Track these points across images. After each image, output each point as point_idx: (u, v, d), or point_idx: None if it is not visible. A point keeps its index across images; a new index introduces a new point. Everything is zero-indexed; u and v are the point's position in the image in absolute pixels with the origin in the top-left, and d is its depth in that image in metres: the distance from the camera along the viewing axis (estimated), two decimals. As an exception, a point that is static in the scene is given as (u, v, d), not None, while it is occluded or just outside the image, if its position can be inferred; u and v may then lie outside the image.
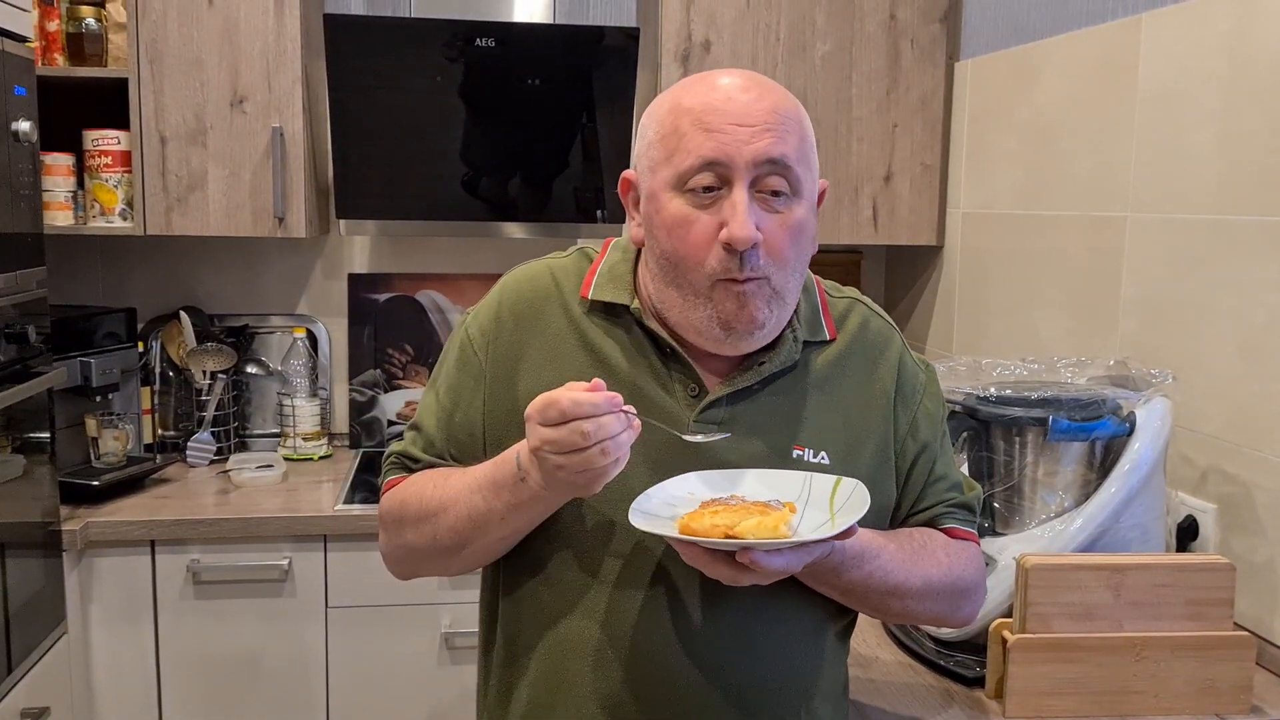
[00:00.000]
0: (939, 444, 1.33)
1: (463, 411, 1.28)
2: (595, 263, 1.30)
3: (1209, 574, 1.48)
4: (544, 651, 1.24)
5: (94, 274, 2.90)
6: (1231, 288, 1.75)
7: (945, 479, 1.32)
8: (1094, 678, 1.46)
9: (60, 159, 2.57)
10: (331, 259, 3.00)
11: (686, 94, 1.19)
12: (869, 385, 1.29)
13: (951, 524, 1.31)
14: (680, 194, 1.17)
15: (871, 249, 3.14)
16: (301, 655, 2.47)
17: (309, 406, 2.86)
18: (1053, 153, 2.26)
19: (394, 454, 1.33)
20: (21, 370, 2.14)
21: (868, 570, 1.20)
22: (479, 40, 2.61)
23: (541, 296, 1.29)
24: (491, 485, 1.17)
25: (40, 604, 2.20)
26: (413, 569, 1.32)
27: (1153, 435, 1.61)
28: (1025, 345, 2.34)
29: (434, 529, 1.23)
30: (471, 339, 1.30)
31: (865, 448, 1.27)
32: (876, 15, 2.69)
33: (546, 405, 1.07)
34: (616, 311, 1.26)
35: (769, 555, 1.07)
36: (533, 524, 1.20)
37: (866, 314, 1.34)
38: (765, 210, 1.16)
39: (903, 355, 1.33)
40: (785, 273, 1.18)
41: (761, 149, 1.14)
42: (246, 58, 2.57)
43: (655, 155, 1.19)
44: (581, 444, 1.05)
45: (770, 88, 1.19)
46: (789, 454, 1.23)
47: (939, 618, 1.33)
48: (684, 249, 1.17)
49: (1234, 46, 1.75)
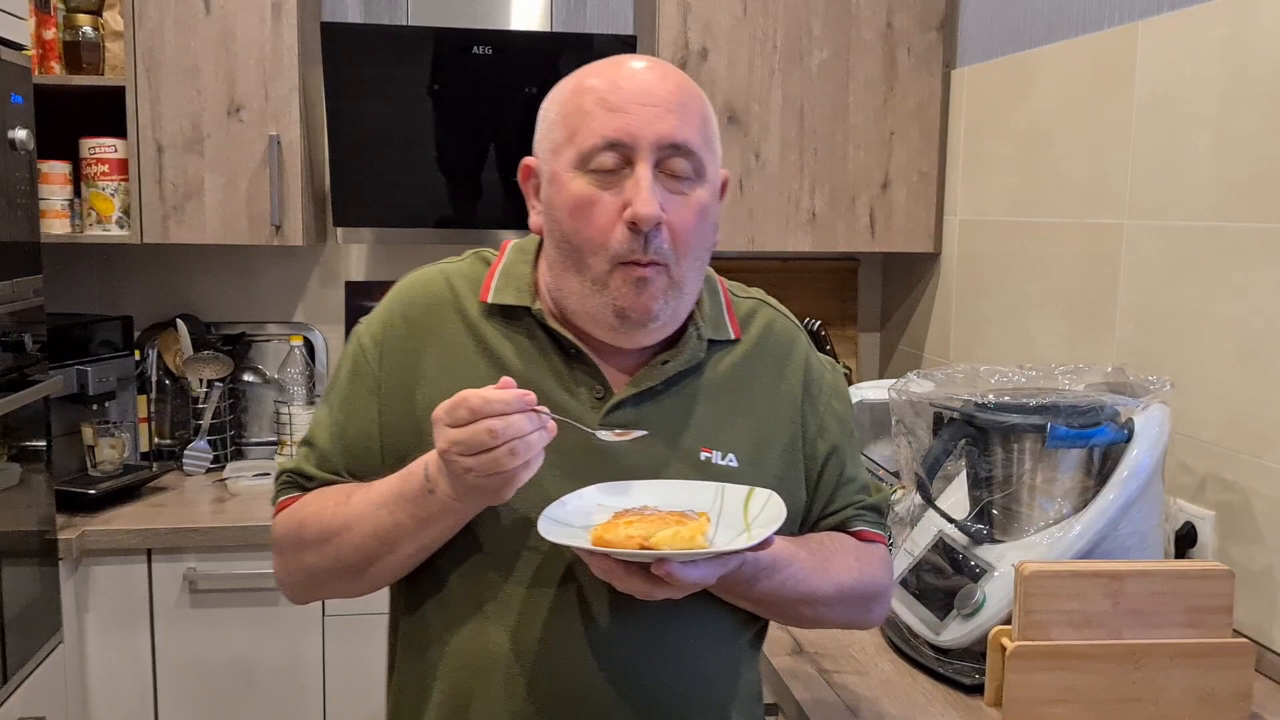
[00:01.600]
0: (848, 445, 1.31)
1: (357, 424, 1.22)
2: (493, 265, 1.26)
3: (1208, 581, 1.48)
4: (450, 671, 1.19)
5: (90, 282, 2.89)
6: (1229, 294, 1.75)
7: (855, 481, 1.31)
8: (1093, 685, 1.46)
9: (57, 167, 2.57)
10: (328, 267, 3.00)
11: (590, 74, 1.17)
12: (776, 387, 1.28)
13: (862, 526, 1.30)
14: (582, 174, 1.14)
15: (868, 256, 3.14)
16: (298, 664, 2.47)
17: (305, 415, 2.85)
18: (1050, 160, 2.26)
19: (285, 472, 1.26)
20: (18, 378, 2.14)
21: (780, 580, 1.18)
22: (476, 48, 2.61)
23: (436, 302, 1.24)
24: (398, 499, 1.13)
25: (36, 613, 2.20)
26: (313, 592, 1.26)
27: (1151, 442, 1.61)
28: (1022, 352, 2.34)
29: (337, 549, 1.16)
30: (364, 349, 1.24)
31: (773, 450, 1.25)
32: (873, 23, 2.69)
33: (455, 405, 1.03)
34: (517, 314, 1.22)
35: (685, 567, 1.04)
36: (442, 538, 1.15)
37: (772, 315, 1.33)
38: (669, 191, 1.14)
39: (809, 356, 1.32)
40: (686, 262, 1.16)
41: (666, 131, 1.12)
42: (243, 66, 2.57)
43: (557, 137, 1.17)
44: (490, 443, 1.01)
45: (675, 70, 1.19)
46: (697, 456, 1.21)
47: (850, 622, 1.32)
48: (586, 229, 1.14)
49: (1230, 53, 1.75)
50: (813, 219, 2.73)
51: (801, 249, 2.75)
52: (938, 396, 1.74)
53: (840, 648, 1.74)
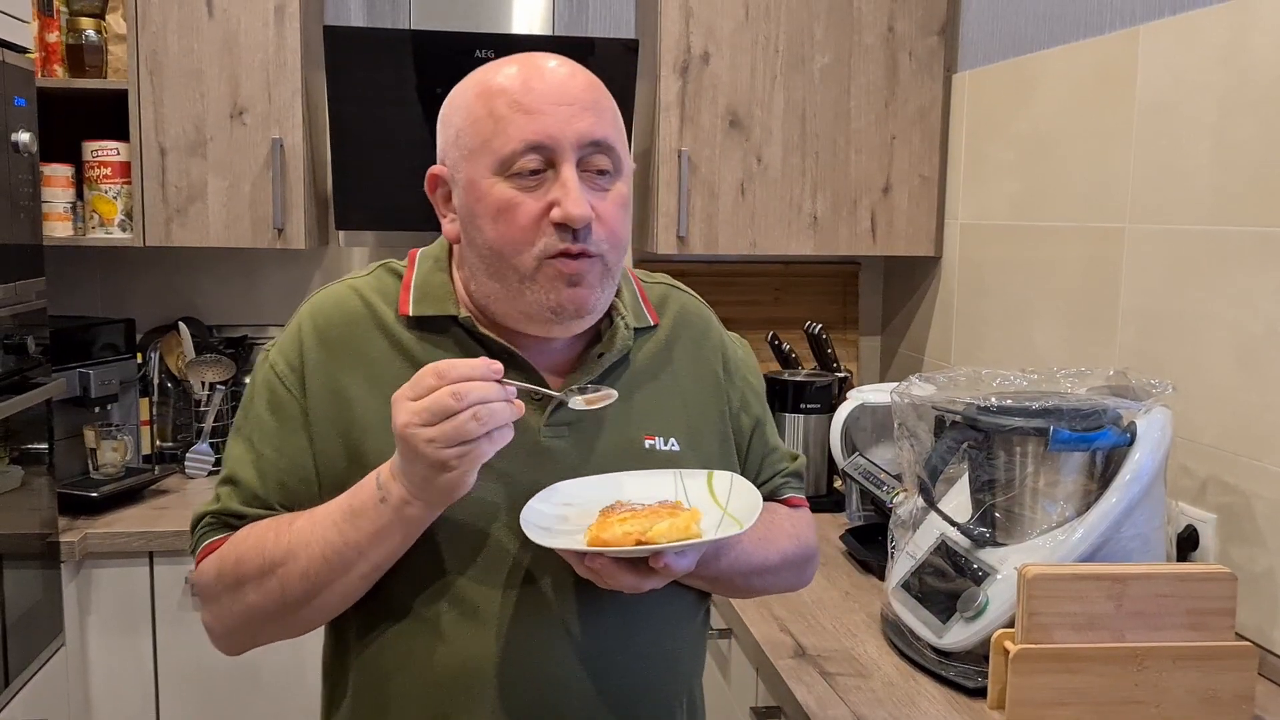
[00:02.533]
0: (765, 417, 1.36)
1: (287, 457, 1.16)
2: (406, 277, 1.23)
3: (1210, 584, 1.49)
4: (417, 694, 1.15)
5: (93, 285, 2.90)
6: (1230, 298, 1.75)
7: (777, 450, 1.36)
8: (1096, 688, 1.46)
9: (60, 170, 2.57)
10: (330, 270, 3.00)
11: (494, 75, 1.14)
12: (697, 367, 1.30)
13: (790, 493, 1.36)
14: (503, 179, 1.11)
15: (870, 260, 3.15)
16: (299, 667, 2.46)
17: (307, 417, 2.85)
18: (1051, 164, 2.26)
19: (207, 515, 1.19)
20: (20, 381, 2.14)
21: (734, 555, 1.21)
22: (478, 52, 2.61)
23: (352, 320, 1.20)
24: (347, 515, 1.08)
25: (38, 615, 2.20)
26: (253, 637, 1.18)
27: (1153, 445, 1.61)
28: (1024, 356, 2.35)
29: (281, 580, 1.10)
30: (280, 376, 1.19)
31: (707, 429, 1.27)
32: (875, 28, 2.70)
33: (418, 377, 1.01)
34: (441, 325, 1.19)
35: (677, 557, 1.07)
36: (394, 555, 1.10)
37: (683, 298, 1.34)
38: (592, 189, 1.13)
39: (722, 334, 1.35)
40: (618, 252, 1.16)
41: (585, 129, 1.11)
42: (246, 69, 2.58)
43: (468, 142, 1.14)
44: (454, 407, 0.98)
45: (579, 66, 1.17)
46: (641, 445, 1.21)
47: (790, 585, 1.36)
48: (511, 232, 1.11)
49: (1231, 58, 1.75)
50: (814, 223, 2.74)
51: (803, 253, 2.75)
52: (940, 400, 1.74)
53: (843, 650, 1.74)
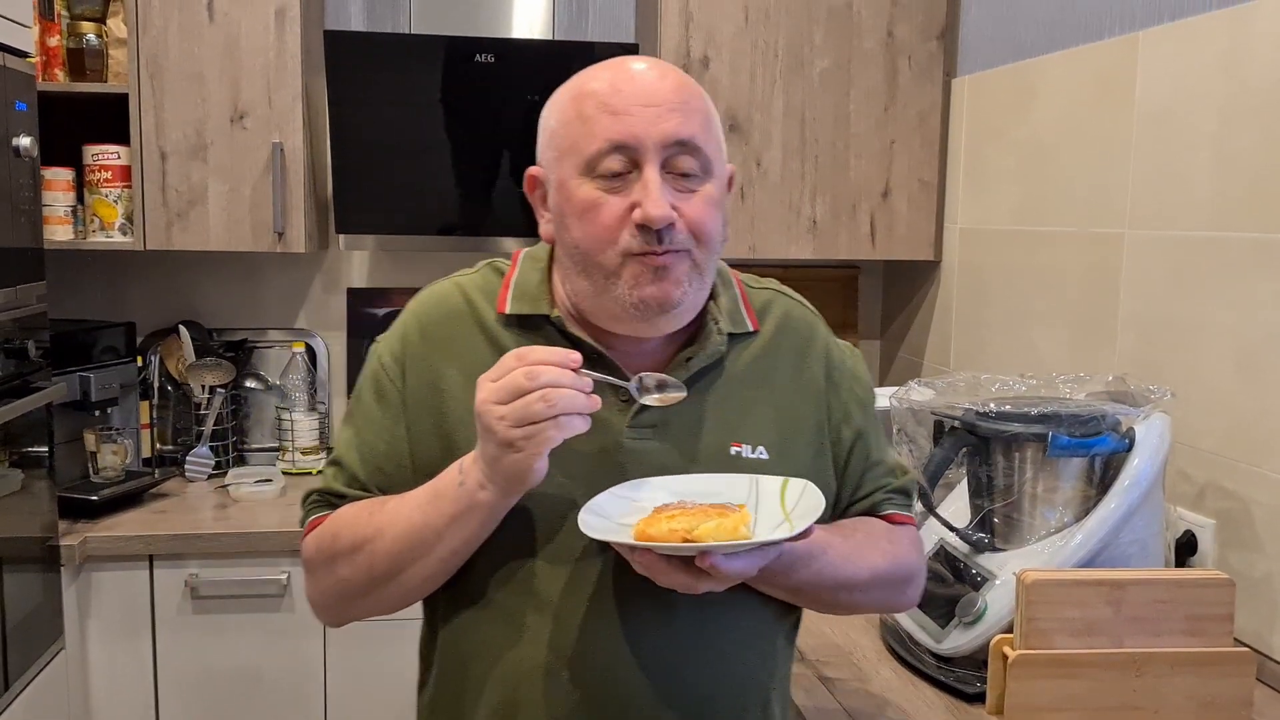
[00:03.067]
0: (872, 429, 1.31)
1: (385, 443, 1.22)
2: (507, 276, 1.26)
3: (1209, 589, 1.48)
4: (493, 682, 1.19)
5: (93, 289, 2.90)
6: (1229, 304, 1.76)
7: (881, 464, 1.32)
8: (1094, 693, 1.46)
9: (60, 174, 2.58)
10: (331, 273, 3.00)
11: (587, 79, 1.16)
12: (799, 375, 1.27)
13: (891, 509, 1.31)
14: (589, 179, 1.13)
15: (869, 264, 3.15)
16: (300, 671, 2.47)
17: (308, 421, 2.86)
18: (1050, 169, 2.27)
19: (314, 493, 1.26)
20: (21, 385, 2.14)
21: (816, 568, 1.18)
22: (478, 56, 2.62)
23: (454, 316, 1.24)
24: (432, 497, 1.14)
25: (38, 619, 2.20)
26: (346, 610, 1.25)
27: (1152, 451, 1.62)
28: (1023, 361, 2.35)
29: (370, 557, 1.16)
30: (385, 368, 1.24)
31: (800, 439, 1.25)
32: (874, 33, 2.70)
33: (503, 359, 1.06)
34: (535, 324, 1.22)
35: (728, 559, 1.04)
36: (473, 540, 1.15)
37: (789, 304, 1.32)
38: (677, 189, 1.14)
39: (829, 342, 1.32)
40: (707, 250, 1.16)
41: (670, 129, 1.12)
42: (247, 73, 2.58)
43: (560, 144, 1.16)
44: (526, 386, 1.02)
45: (674, 69, 1.18)
46: (727, 451, 1.21)
47: (885, 605, 1.34)
48: (595, 231, 1.13)
49: (1231, 64, 1.76)
50: (814, 227, 2.74)
51: (802, 256, 2.76)
52: (939, 405, 1.75)
53: (842, 655, 1.75)
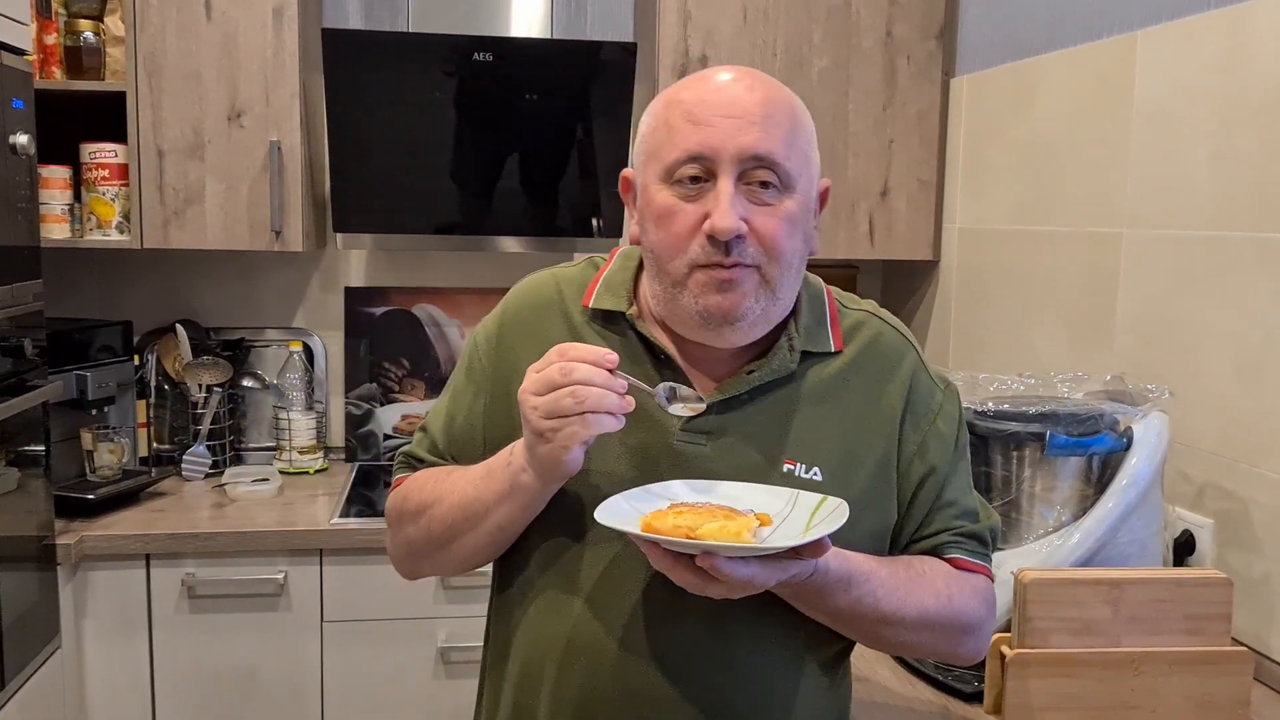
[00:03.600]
0: (951, 467, 1.25)
1: (464, 416, 1.30)
2: (600, 271, 1.31)
3: (1207, 589, 1.48)
4: (525, 650, 1.24)
5: (90, 287, 2.90)
6: (1227, 304, 1.75)
7: (955, 505, 1.25)
8: (1092, 693, 1.46)
9: (57, 172, 2.57)
10: (328, 272, 3.00)
11: (681, 88, 1.19)
12: (874, 401, 1.23)
13: (957, 554, 1.24)
14: (667, 186, 1.16)
15: (868, 264, 3.15)
16: (297, 670, 2.46)
17: (305, 420, 2.86)
18: (1049, 169, 2.27)
19: (402, 453, 1.36)
20: (17, 383, 2.14)
21: (855, 595, 1.15)
22: (477, 55, 2.61)
23: (544, 305, 1.30)
24: (485, 474, 1.19)
25: (34, 618, 2.19)
26: (414, 567, 1.33)
27: (1150, 450, 1.62)
28: (1022, 360, 2.35)
29: (429, 521, 1.24)
30: (478, 345, 1.32)
31: (863, 466, 1.21)
32: (873, 32, 2.70)
33: (549, 352, 1.10)
34: (615, 319, 1.26)
35: (733, 564, 1.02)
36: (519, 521, 1.20)
37: (880, 327, 1.29)
38: (753, 202, 1.14)
39: (916, 372, 1.26)
40: (779, 266, 1.15)
41: (747, 143, 1.12)
42: (245, 72, 2.58)
43: (647, 149, 1.20)
44: (559, 381, 1.07)
45: (765, 81, 1.18)
46: (779, 467, 1.19)
47: (938, 652, 1.27)
48: (668, 238, 1.15)
49: (1229, 64, 1.76)
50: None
51: (801, 256, 2.75)
52: (937, 404, 1.74)
53: (839, 655, 1.74)
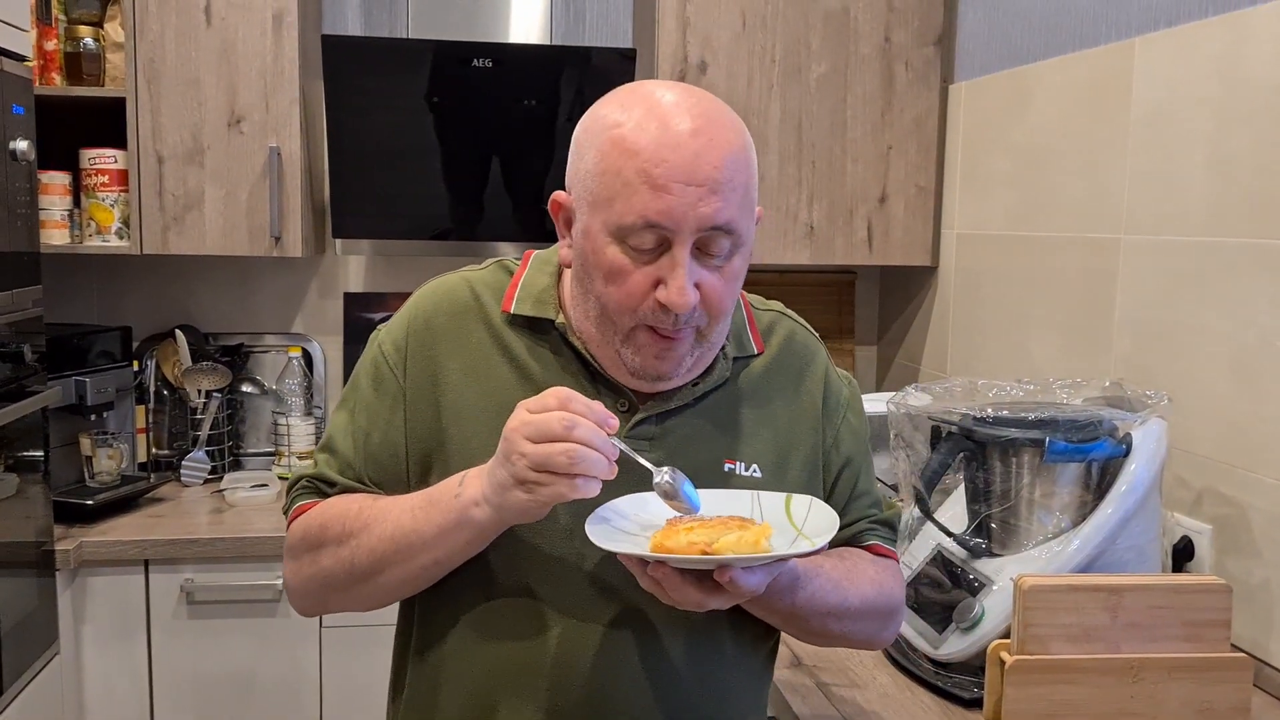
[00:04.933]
0: (862, 460, 1.32)
1: (381, 431, 1.22)
2: (516, 276, 1.25)
3: (1206, 595, 1.48)
4: (470, 681, 1.20)
5: (89, 293, 2.89)
6: (1225, 309, 1.76)
7: (868, 495, 1.31)
8: (1091, 699, 1.46)
9: (57, 178, 2.57)
10: (327, 278, 3.00)
11: (633, 128, 1.09)
12: (796, 398, 1.28)
13: (874, 540, 1.30)
14: (618, 243, 1.10)
15: (866, 270, 3.15)
16: (295, 675, 2.46)
17: (304, 426, 2.86)
18: (1046, 175, 2.27)
19: (304, 478, 1.26)
20: (16, 389, 2.14)
21: (812, 590, 1.17)
22: (476, 61, 2.62)
23: (460, 309, 1.24)
24: (425, 503, 1.13)
25: (33, 624, 2.19)
26: (323, 601, 1.24)
27: (1149, 456, 1.62)
28: (1020, 366, 2.35)
29: (353, 551, 1.16)
30: (385, 355, 1.24)
31: (794, 460, 1.25)
32: (871, 38, 2.71)
33: (548, 392, 1.05)
34: (541, 326, 1.22)
35: (744, 573, 1.03)
36: (457, 557, 1.14)
37: (792, 326, 1.33)
38: (704, 266, 1.11)
39: (828, 369, 1.32)
40: (718, 323, 1.15)
41: (708, 214, 1.08)
42: (244, 78, 2.58)
43: (594, 189, 1.11)
44: (557, 434, 1.01)
45: (720, 125, 1.11)
46: (721, 468, 1.21)
47: (870, 637, 1.31)
48: (617, 296, 1.11)
49: (1226, 70, 1.76)
50: (810, 232, 2.74)
51: (799, 262, 2.76)
52: (936, 410, 1.75)
53: (838, 661, 1.74)
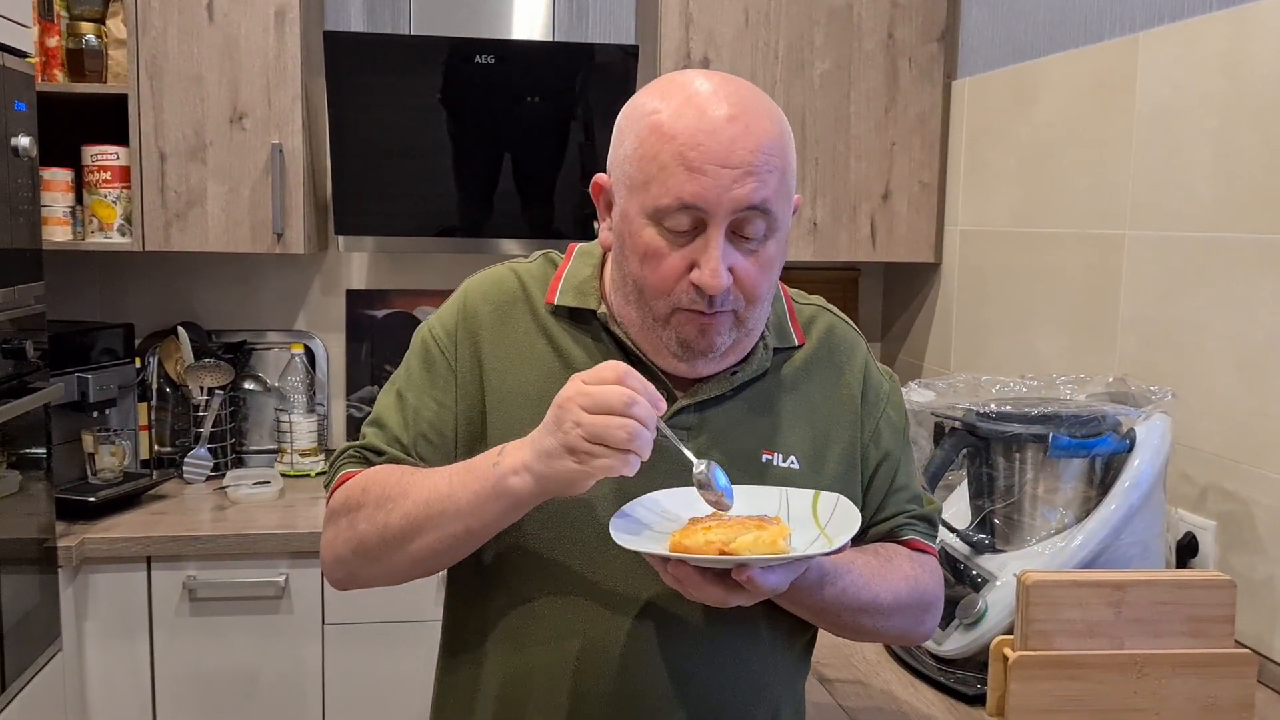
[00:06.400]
0: (901, 454, 1.31)
1: (432, 410, 1.24)
2: (560, 268, 1.28)
3: (1210, 591, 1.48)
4: (504, 671, 1.22)
5: (92, 290, 2.89)
6: (1229, 305, 1.75)
7: (906, 489, 1.31)
8: (1095, 695, 1.45)
9: (59, 174, 2.57)
10: (329, 275, 3.00)
11: (671, 115, 1.11)
12: (836, 390, 1.28)
13: (912, 535, 1.30)
14: (654, 225, 1.12)
15: (869, 266, 3.15)
16: (298, 672, 2.46)
17: (306, 423, 2.86)
18: (1050, 171, 2.26)
19: (351, 449, 1.27)
20: (19, 386, 2.14)
21: (842, 586, 1.17)
22: (478, 58, 2.62)
23: (508, 299, 1.27)
24: (463, 470, 1.13)
25: (35, 621, 2.19)
26: (353, 570, 1.23)
27: (1152, 452, 1.61)
28: (1024, 362, 2.35)
29: (387, 514, 1.16)
30: (437, 339, 1.27)
31: (833, 452, 1.26)
32: (875, 34, 2.70)
33: (603, 365, 1.05)
34: (583, 317, 1.24)
35: (764, 573, 1.03)
36: (490, 527, 1.13)
37: (832, 320, 1.33)
38: (739, 250, 1.13)
39: (868, 362, 1.32)
40: (755, 307, 1.17)
41: (743, 196, 1.10)
42: (247, 74, 2.58)
43: (632, 173, 1.14)
44: (616, 408, 1.01)
45: (756, 113, 1.12)
46: (758, 458, 1.22)
47: (904, 633, 1.31)
48: (653, 278, 1.14)
49: (1231, 65, 1.75)
50: (814, 229, 2.74)
51: (803, 258, 2.75)
52: (939, 406, 1.74)
53: (842, 658, 1.74)
